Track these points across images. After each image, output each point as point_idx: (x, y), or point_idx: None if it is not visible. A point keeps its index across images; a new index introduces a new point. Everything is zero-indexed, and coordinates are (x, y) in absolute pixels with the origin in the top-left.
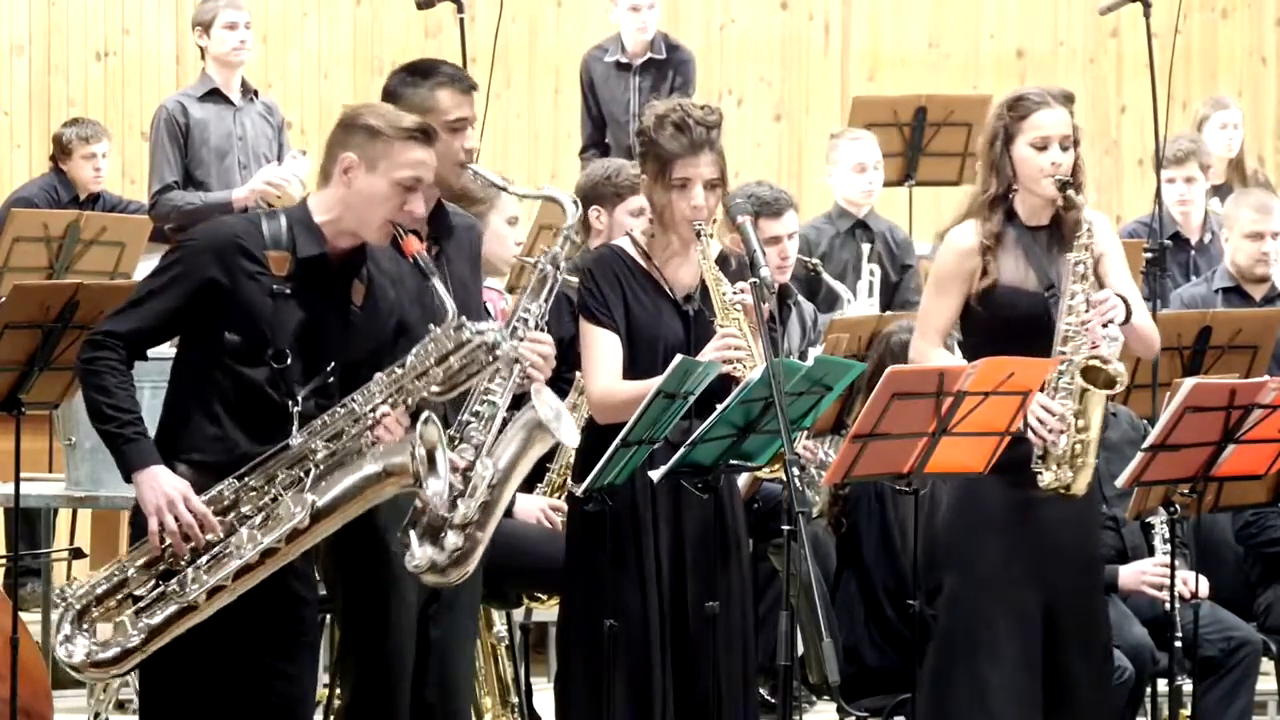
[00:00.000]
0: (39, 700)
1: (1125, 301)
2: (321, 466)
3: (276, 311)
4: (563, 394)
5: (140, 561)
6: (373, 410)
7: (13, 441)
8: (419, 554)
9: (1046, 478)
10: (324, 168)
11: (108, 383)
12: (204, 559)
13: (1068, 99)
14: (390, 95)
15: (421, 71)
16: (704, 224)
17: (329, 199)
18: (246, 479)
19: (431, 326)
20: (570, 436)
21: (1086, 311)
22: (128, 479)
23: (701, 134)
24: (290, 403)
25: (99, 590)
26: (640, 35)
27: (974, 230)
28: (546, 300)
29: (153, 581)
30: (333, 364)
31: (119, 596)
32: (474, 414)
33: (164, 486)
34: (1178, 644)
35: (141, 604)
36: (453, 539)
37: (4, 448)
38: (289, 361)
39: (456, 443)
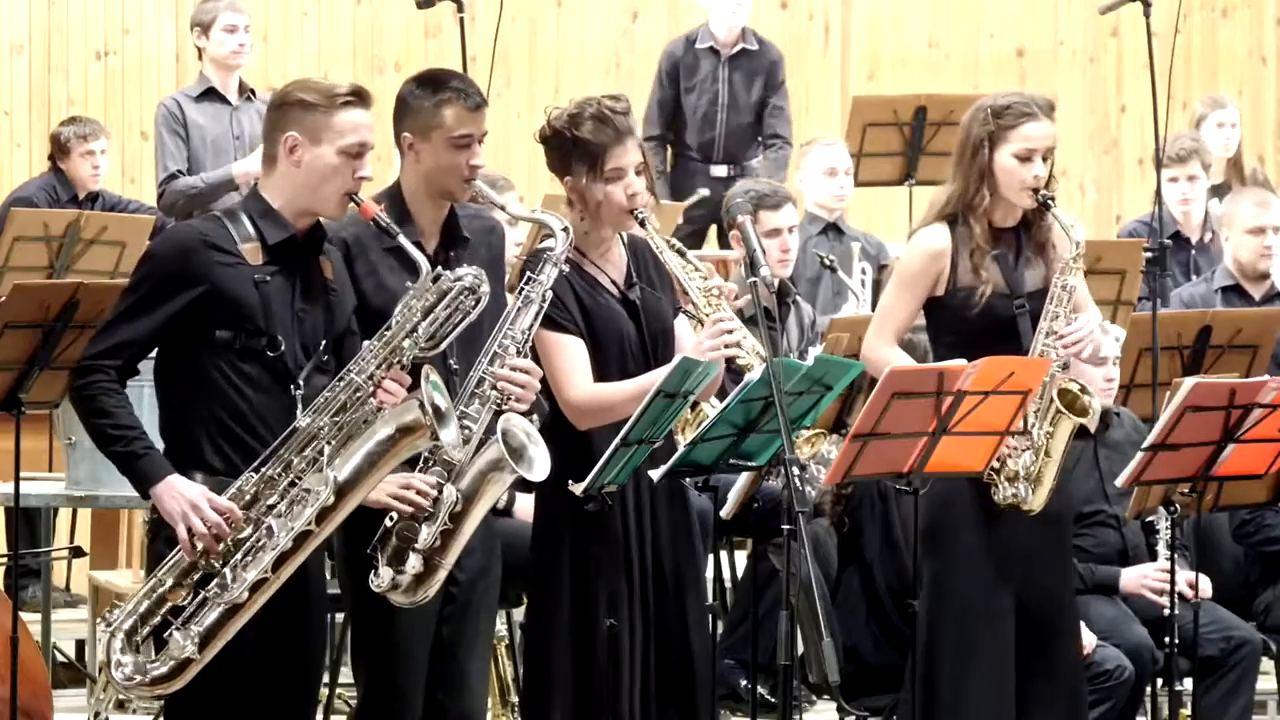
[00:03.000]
0: (39, 700)
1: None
2: (334, 442)
3: (264, 300)
4: None
5: (175, 573)
6: (370, 377)
7: (13, 441)
8: (384, 574)
9: (1004, 492)
10: (267, 153)
11: (105, 404)
12: (239, 555)
13: (1052, 108)
14: (400, 104)
15: (430, 84)
16: (643, 211)
17: (281, 183)
18: (263, 470)
19: (408, 284)
20: (539, 469)
21: (1062, 335)
22: (145, 495)
23: (624, 122)
24: (292, 386)
25: (140, 610)
26: (735, 20)
27: (945, 233)
28: (531, 326)
29: (191, 590)
30: (324, 341)
31: (162, 612)
32: None
33: (184, 493)
34: (1176, 645)
35: (186, 614)
36: (413, 561)
37: (4, 447)
38: (283, 348)
39: (430, 465)
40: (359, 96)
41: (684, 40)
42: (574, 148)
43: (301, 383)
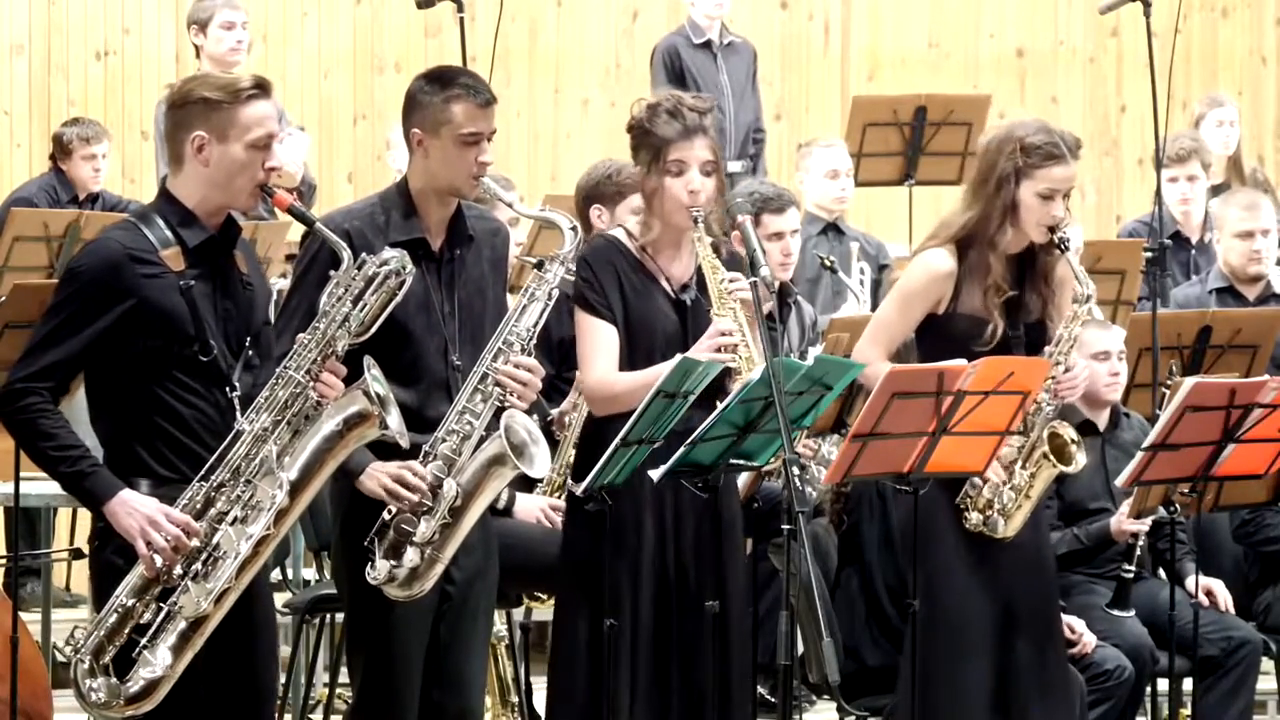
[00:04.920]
0: (39, 700)
1: None
2: (280, 440)
3: (191, 306)
4: (562, 395)
5: (135, 590)
6: (308, 372)
7: (13, 441)
8: (380, 566)
9: (973, 518)
10: (174, 153)
11: (45, 426)
12: (197, 565)
13: (1079, 146)
14: (410, 100)
15: (440, 80)
16: (701, 210)
17: (190, 182)
18: (211, 477)
19: (331, 273)
20: (540, 466)
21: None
22: (97, 513)
23: (695, 119)
24: (228, 389)
25: (105, 630)
26: (718, 11)
27: (952, 257)
28: (535, 324)
29: (154, 605)
30: (247, 338)
31: (126, 630)
32: (450, 431)
33: (139, 508)
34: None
35: (152, 630)
36: (411, 555)
37: (4, 448)
38: (215, 352)
39: (430, 458)
40: (261, 88)
41: (678, 36)
42: (643, 139)
43: (236, 384)
